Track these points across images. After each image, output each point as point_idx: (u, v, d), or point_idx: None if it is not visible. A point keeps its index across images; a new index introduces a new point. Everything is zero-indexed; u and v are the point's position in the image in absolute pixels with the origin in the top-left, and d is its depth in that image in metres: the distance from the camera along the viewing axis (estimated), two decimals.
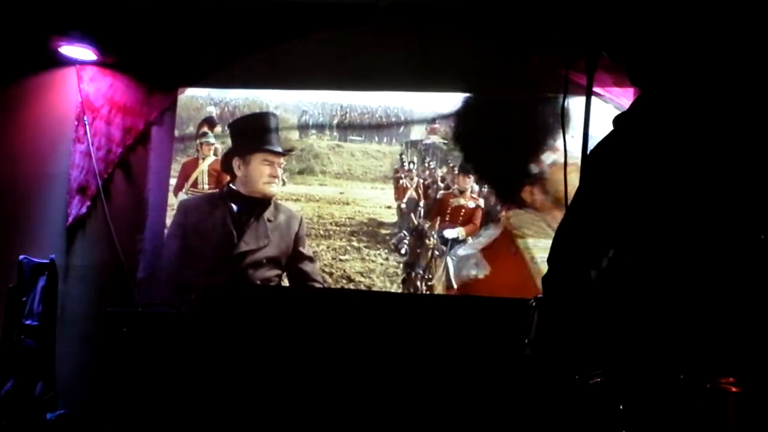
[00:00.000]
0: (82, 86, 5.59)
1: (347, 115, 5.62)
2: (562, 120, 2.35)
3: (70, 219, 5.50)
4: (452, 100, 5.42)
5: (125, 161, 5.69)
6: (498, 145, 5.25)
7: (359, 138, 5.55)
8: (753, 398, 1.83)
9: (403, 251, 5.32)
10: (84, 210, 5.53)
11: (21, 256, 5.19)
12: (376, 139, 5.53)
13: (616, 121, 2.22)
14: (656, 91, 2.13)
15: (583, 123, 2.18)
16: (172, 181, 5.68)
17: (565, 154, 2.33)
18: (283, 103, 5.66)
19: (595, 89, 4.10)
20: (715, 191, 1.97)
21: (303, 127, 5.62)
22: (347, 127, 5.60)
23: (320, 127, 5.61)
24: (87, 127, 5.54)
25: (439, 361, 4.96)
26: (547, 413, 2.21)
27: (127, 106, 5.69)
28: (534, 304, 2.28)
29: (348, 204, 5.47)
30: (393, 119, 5.53)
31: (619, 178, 2.13)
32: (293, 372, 5.11)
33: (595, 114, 2.24)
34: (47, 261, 5.27)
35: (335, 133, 5.60)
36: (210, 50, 5.57)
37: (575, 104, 2.33)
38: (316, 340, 5.14)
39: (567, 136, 2.41)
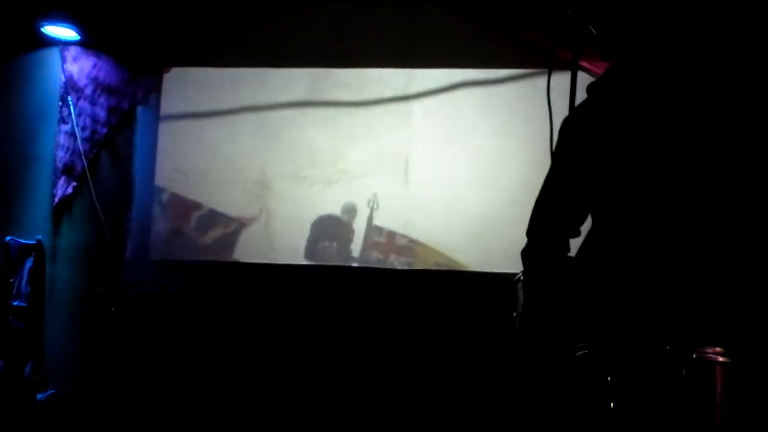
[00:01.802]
0: (65, 66, 5.54)
1: None
2: (548, 95, 2.34)
3: (56, 200, 5.46)
4: None
5: (111, 141, 5.66)
6: None
7: None
8: (740, 368, 1.85)
9: None
10: (70, 190, 5.49)
11: (7, 238, 5.16)
12: None
13: (590, 88, 2.23)
14: (630, 58, 2.14)
15: (569, 97, 2.19)
16: (158, 160, 5.68)
17: (550, 130, 2.33)
18: None
19: (582, 63, 4.12)
20: (692, 156, 1.98)
21: None
22: None
23: None
24: (71, 107, 5.49)
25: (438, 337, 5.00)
26: (536, 386, 2.23)
27: (111, 86, 5.65)
28: (521, 278, 2.30)
29: None
30: None
31: (593, 145, 2.13)
32: (284, 351, 5.13)
33: (582, 89, 2.25)
34: (34, 242, 5.25)
35: None
36: (196, 29, 5.54)
37: (562, 79, 2.33)
38: (309, 318, 5.15)
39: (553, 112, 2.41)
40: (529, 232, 2.28)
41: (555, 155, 2.23)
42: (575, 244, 2.26)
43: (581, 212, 2.22)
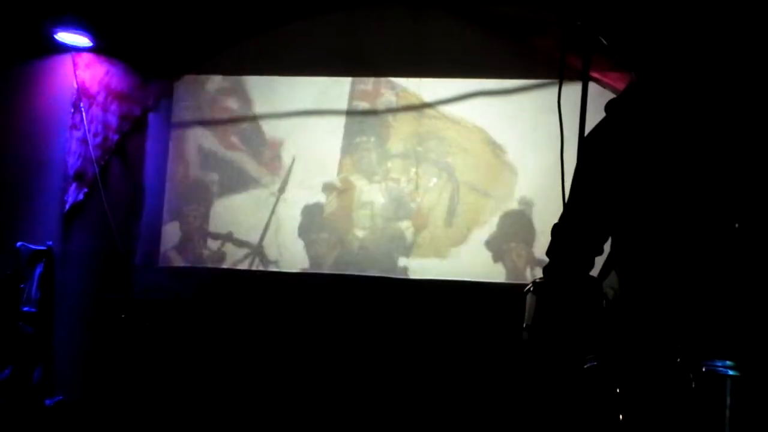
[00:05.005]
0: (78, 73, 5.56)
1: None
2: (559, 105, 2.33)
3: (67, 206, 5.48)
4: None
5: (122, 148, 5.68)
6: None
7: None
8: (750, 381, 1.84)
9: None
10: (81, 197, 5.51)
11: (18, 243, 5.18)
12: None
13: (609, 106, 2.22)
14: (650, 76, 2.12)
15: (579, 108, 2.18)
16: (169, 167, 5.70)
17: (561, 142, 2.31)
18: None
19: (593, 74, 4.11)
20: (710, 178, 1.97)
21: None
22: None
23: None
24: (83, 113, 5.51)
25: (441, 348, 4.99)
26: (544, 397, 2.22)
27: (123, 93, 5.67)
28: (531, 289, 2.28)
29: None
30: None
31: (613, 164, 2.12)
32: (293, 359, 5.12)
33: (592, 99, 2.24)
34: (44, 248, 5.27)
35: None
36: (208, 36, 5.56)
37: (573, 90, 2.32)
38: (317, 325, 5.15)
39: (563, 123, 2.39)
40: (550, 252, 2.25)
41: (576, 174, 2.21)
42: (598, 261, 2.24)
43: (603, 231, 2.20)
